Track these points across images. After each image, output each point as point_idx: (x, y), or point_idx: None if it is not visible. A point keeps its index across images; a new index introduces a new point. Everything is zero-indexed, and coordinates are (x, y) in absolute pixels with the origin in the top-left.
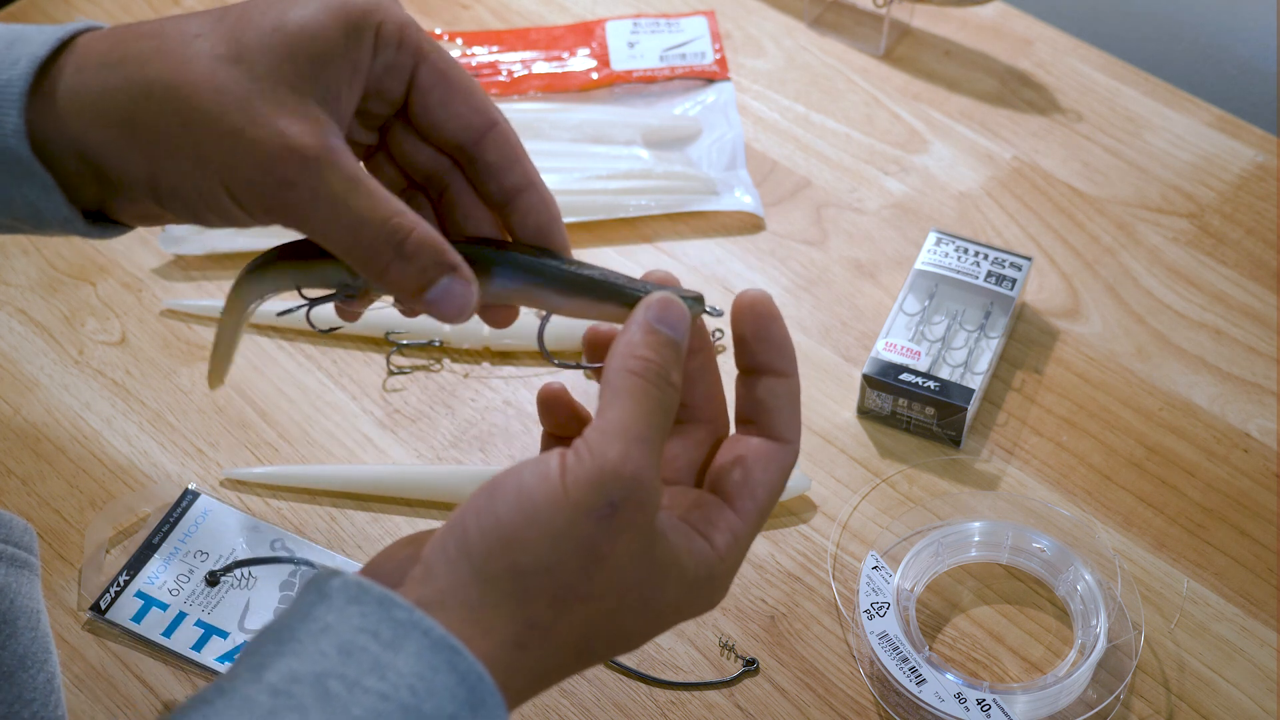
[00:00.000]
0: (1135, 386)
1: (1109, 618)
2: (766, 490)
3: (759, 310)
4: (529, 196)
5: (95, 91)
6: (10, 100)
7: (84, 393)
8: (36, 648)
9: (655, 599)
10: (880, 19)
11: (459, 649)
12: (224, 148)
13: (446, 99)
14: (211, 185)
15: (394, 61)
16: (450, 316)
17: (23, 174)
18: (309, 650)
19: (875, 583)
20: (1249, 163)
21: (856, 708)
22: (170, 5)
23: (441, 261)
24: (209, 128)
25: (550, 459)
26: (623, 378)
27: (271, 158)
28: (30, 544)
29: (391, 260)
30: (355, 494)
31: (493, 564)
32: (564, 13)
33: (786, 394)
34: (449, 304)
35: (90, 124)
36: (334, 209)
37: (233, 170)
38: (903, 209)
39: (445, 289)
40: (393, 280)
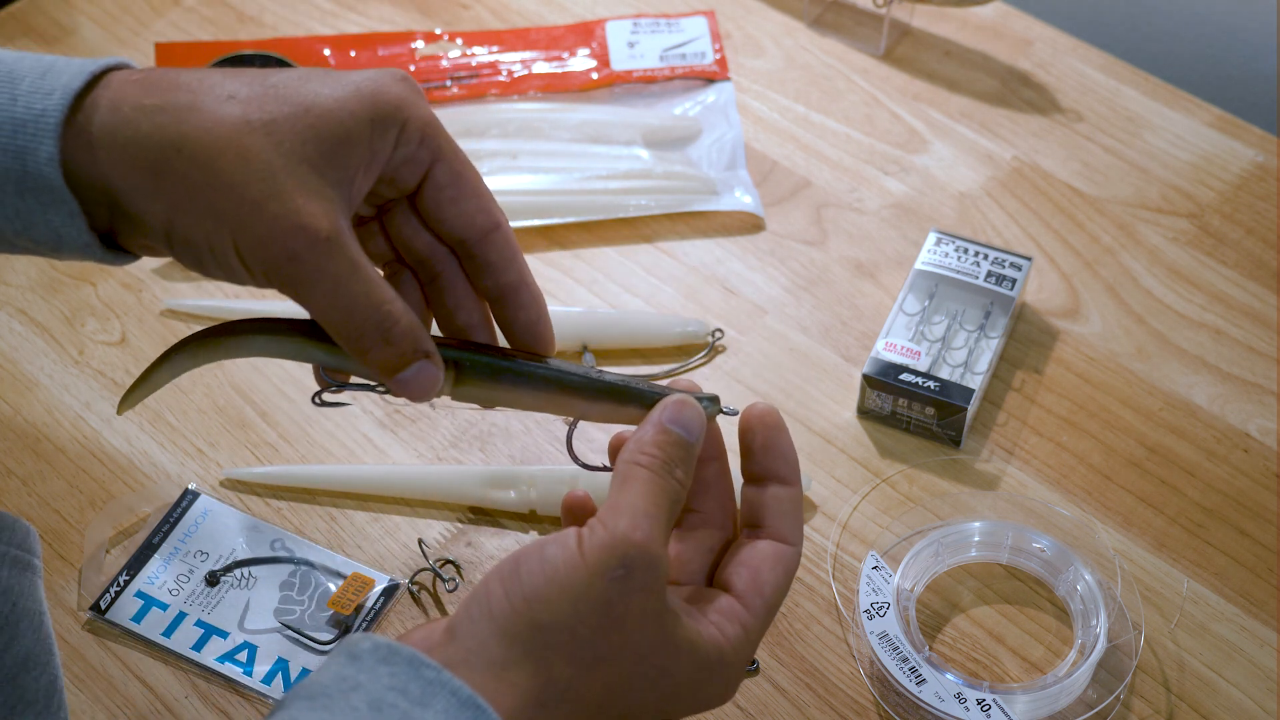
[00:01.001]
0: (1135, 386)
1: (1109, 618)
2: (774, 589)
3: (767, 422)
4: (522, 294)
5: (128, 134)
6: (46, 130)
7: (84, 393)
8: (39, 650)
9: (669, 671)
10: (880, 19)
11: (484, 708)
12: (242, 214)
13: (458, 198)
14: (224, 244)
15: (413, 155)
16: (417, 397)
17: (51, 201)
18: (339, 705)
19: (875, 583)
20: (1249, 163)
21: (856, 708)
22: (170, 5)
23: (418, 349)
24: (231, 193)
25: (569, 533)
26: (630, 469)
27: (285, 232)
28: (33, 546)
29: (375, 344)
30: (355, 494)
31: (516, 621)
32: (564, 13)
33: (791, 500)
34: (418, 385)
35: (119, 164)
36: (334, 289)
37: (247, 236)
38: (903, 209)
39: (417, 371)
40: (373, 360)
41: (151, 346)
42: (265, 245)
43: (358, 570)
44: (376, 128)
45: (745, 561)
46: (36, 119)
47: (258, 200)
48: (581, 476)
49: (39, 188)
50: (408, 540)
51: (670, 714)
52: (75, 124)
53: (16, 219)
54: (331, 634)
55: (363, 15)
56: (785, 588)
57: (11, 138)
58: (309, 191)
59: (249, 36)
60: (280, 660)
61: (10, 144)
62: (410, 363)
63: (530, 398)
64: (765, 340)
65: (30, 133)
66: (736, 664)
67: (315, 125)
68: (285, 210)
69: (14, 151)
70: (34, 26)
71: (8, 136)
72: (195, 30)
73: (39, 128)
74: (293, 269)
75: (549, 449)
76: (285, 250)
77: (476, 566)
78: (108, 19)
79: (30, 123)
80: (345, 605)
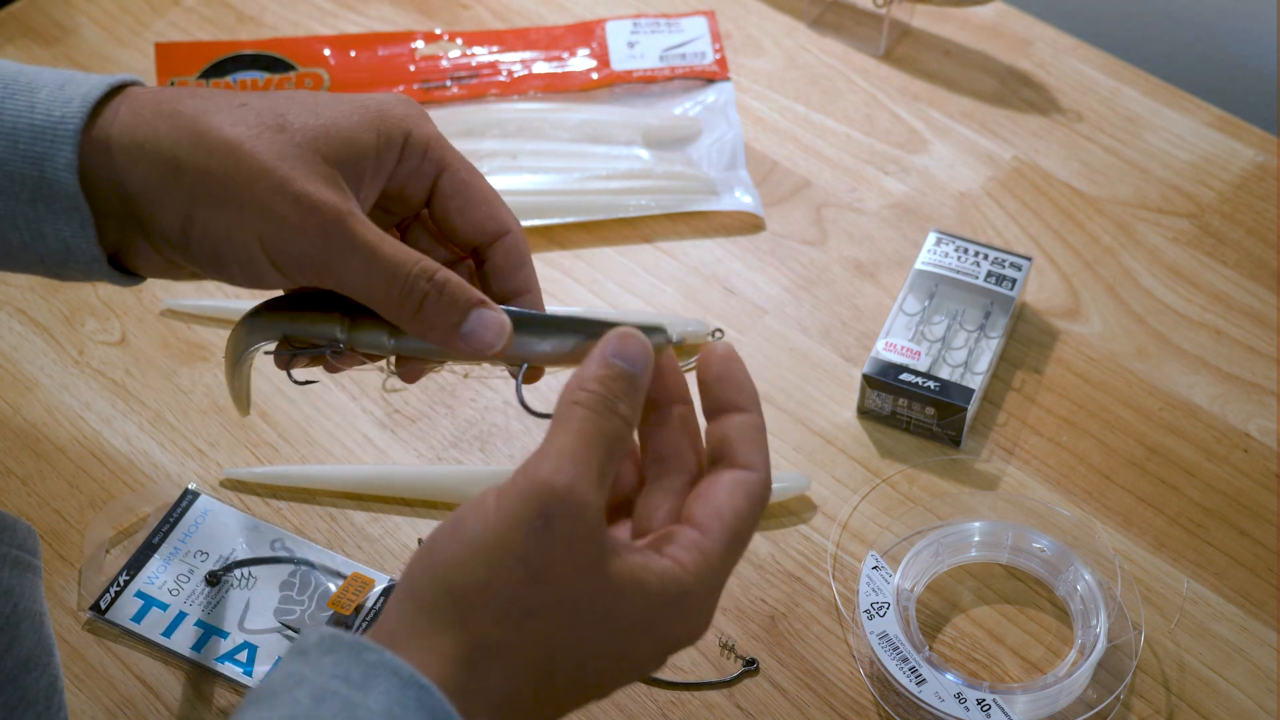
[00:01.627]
0: (1135, 386)
1: (1109, 618)
2: (734, 513)
3: (720, 354)
4: (527, 301)
5: (146, 134)
6: (64, 136)
7: (84, 393)
8: (40, 650)
9: (616, 614)
10: (880, 19)
11: (428, 686)
12: (264, 199)
13: (465, 206)
14: (245, 235)
15: (418, 169)
16: (486, 345)
17: (63, 209)
18: (284, 702)
19: (875, 583)
20: (1249, 163)
21: (856, 708)
22: (170, 5)
23: (470, 296)
24: (253, 179)
25: (486, 493)
26: (568, 408)
27: (311, 209)
28: (34, 546)
29: (430, 299)
30: (355, 494)
31: (433, 590)
32: (564, 13)
33: (749, 428)
34: (485, 332)
35: (137, 163)
36: (368, 256)
37: (271, 221)
38: (903, 209)
39: (479, 319)
40: (429, 318)
41: (151, 346)
42: (292, 227)
43: (358, 570)
44: (382, 139)
45: (703, 492)
46: (55, 125)
47: (278, 183)
48: None
49: (53, 195)
50: (408, 540)
51: (637, 657)
52: (93, 131)
53: (26, 229)
54: None
55: (363, 15)
56: (749, 513)
57: (31, 144)
58: (323, 179)
59: (249, 36)
60: (280, 660)
61: (29, 150)
62: (467, 312)
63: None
64: (765, 340)
65: (49, 139)
66: (700, 592)
67: (325, 128)
68: (307, 191)
69: (32, 157)
70: (34, 26)
71: (27, 143)
72: (195, 30)
73: (58, 134)
74: (324, 246)
75: None
76: (314, 227)
77: None
78: (108, 19)
79: (49, 129)
80: (345, 605)
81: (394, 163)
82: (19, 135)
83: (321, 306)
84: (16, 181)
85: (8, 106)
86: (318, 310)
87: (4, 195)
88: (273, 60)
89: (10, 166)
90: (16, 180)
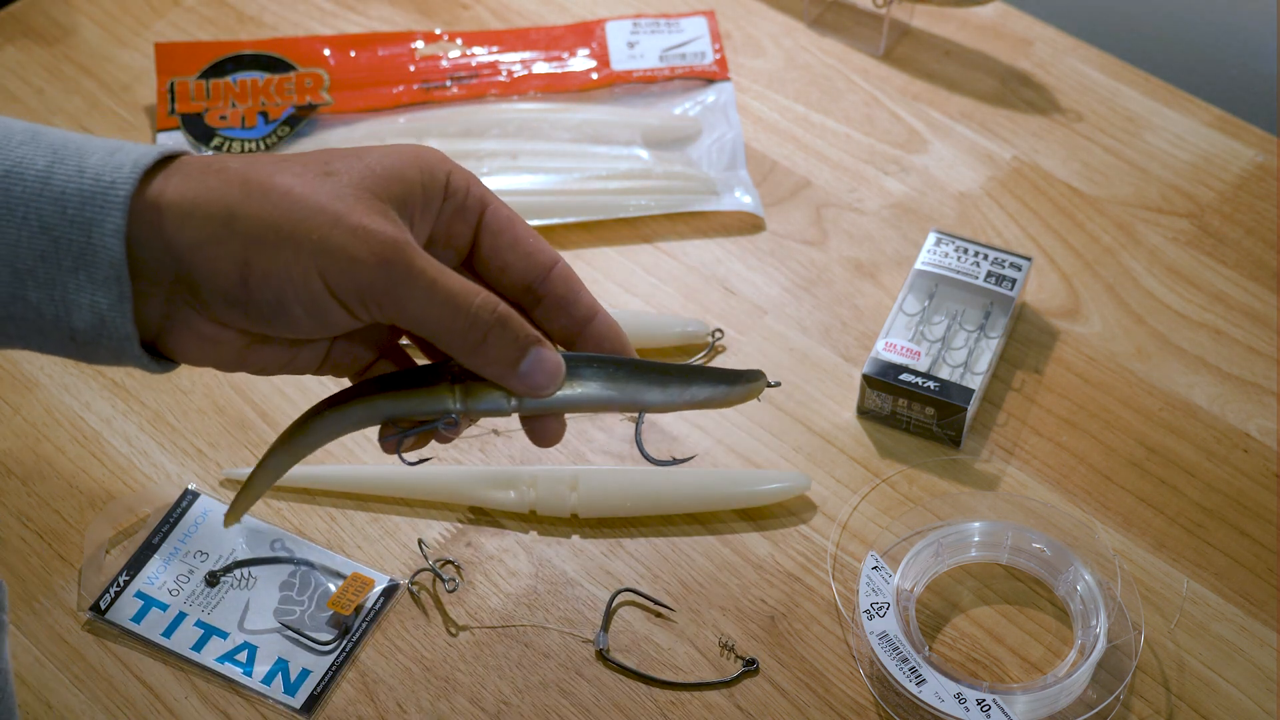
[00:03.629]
0: (1135, 386)
1: (1109, 618)
2: None
3: None
4: (598, 324)
5: (197, 189)
6: (115, 202)
7: (84, 393)
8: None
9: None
10: (880, 19)
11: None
12: (323, 233)
13: (516, 241)
14: (306, 270)
15: (462, 205)
16: (542, 385)
17: (103, 279)
18: None
19: (875, 583)
20: (1249, 163)
21: (856, 708)
22: (170, 5)
23: (530, 333)
24: (309, 217)
25: None
26: None
27: (370, 240)
28: (2, 601)
29: (492, 331)
30: (355, 494)
31: None
32: (564, 13)
33: None
34: (541, 371)
35: (189, 217)
36: (432, 287)
37: (331, 255)
38: (903, 209)
39: (537, 357)
40: (490, 352)
41: None
42: (352, 259)
43: (358, 570)
44: (426, 175)
45: None
46: (106, 190)
47: (335, 218)
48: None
49: (96, 262)
50: (408, 540)
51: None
52: (144, 195)
53: (62, 301)
54: (331, 634)
55: (363, 15)
56: None
57: (80, 209)
58: (379, 214)
59: (249, 36)
60: (280, 660)
61: (79, 215)
62: (527, 349)
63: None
64: (765, 340)
65: (99, 204)
66: None
67: (371, 168)
68: (364, 223)
69: (81, 223)
70: (34, 26)
71: (75, 208)
72: (195, 30)
73: (108, 199)
74: (386, 275)
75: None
76: (374, 256)
77: (476, 567)
78: (108, 19)
79: (99, 195)
80: (345, 605)
81: (440, 200)
82: (68, 200)
83: (418, 382)
84: (62, 248)
85: (58, 171)
86: (420, 385)
87: (47, 262)
88: (273, 60)
89: (58, 232)
90: (62, 246)
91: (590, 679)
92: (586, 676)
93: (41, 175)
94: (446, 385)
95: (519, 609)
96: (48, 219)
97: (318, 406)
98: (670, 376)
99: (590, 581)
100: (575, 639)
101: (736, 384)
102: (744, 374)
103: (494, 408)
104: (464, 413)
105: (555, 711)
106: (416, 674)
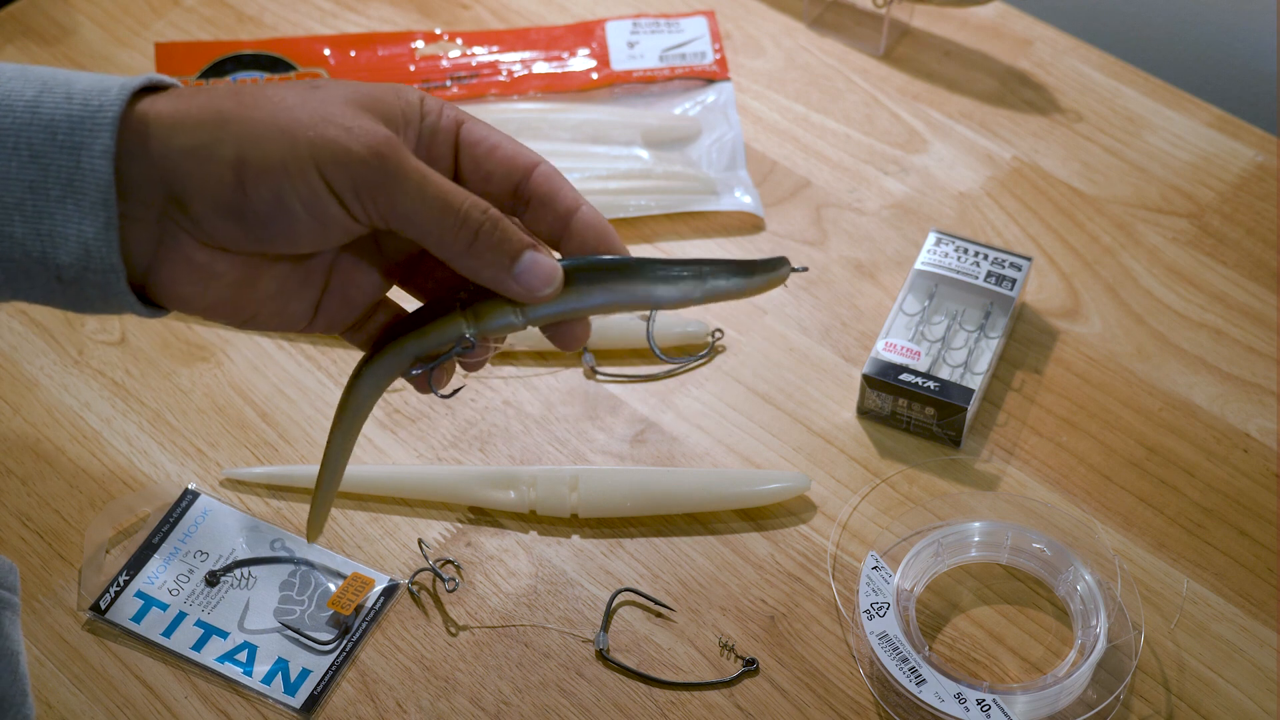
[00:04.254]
0: (1135, 386)
1: (1109, 618)
2: None
3: None
4: (582, 214)
5: (186, 104)
6: (103, 124)
7: (84, 393)
8: (14, 691)
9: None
10: (880, 19)
11: None
12: (318, 129)
13: (495, 147)
14: (303, 164)
15: (438, 125)
16: (538, 287)
17: (90, 205)
18: None
19: (875, 583)
20: (1249, 163)
21: (856, 708)
22: (170, 5)
23: (524, 238)
24: (303, 116)
25: None
26: None
27: (364, 133)
28: (13, 582)
29: (481, 227)
30: (355, 494)
31: None
32: (564, 13)
33: None
34: (537, 273)
35: (179, 126)
36: (422, 182)
37: (326, 148)
38: (903, 209)
39: (532, 259)
40: (483, 253)
41: (151, 346)
42: (348, 150)
43: (358, 570)
44: (403, 101)
45: None
46: (94, 114)
47: (328, 116)
48: (580, 476)
49: (84, 188)
50: (408, 540)
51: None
52: (132, 117)
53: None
54: (331, 634)
55: (363, 15)
56: None
57: (69, 134)
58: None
59: (249, 36)
60: (280, 660)
61: (68, 140)
62: (520, 251)
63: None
64: (765, 340)
65: (88, 128)
66: None
67: (356, 88)
68: (358, 121)
69: (70, 147)
70: (34, 26)
71: (65, 133)
72: (195, 30)
73: (97, 122)
74: (380, 169)
75: (549, 449)
76: (369, 150)
77: (476, 566)
78: (108, 19)
79: (88, 118)
80: (345, 605)
81: (419, 121)
82: (57, 126)
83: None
84: (51, 176)
85: (45, 100)
86: (435, 318)
87: (36, 194)
88: (273, 60)
89: (47, 159)
90: (51, 174)
91: (590, 679)
92: (586, 676)
93: (30, 105)
94: (458, 311)
95: (519, 609)
96: (38, 146)
97: (352, 376)
98: (681, 270)
99: (590, 581)
100: (575, 639)
101: (755, 274)
102: (762, 263)
103: (504, 323)
104: (479, 335)
105: (555, 711)
106: (416, 674)
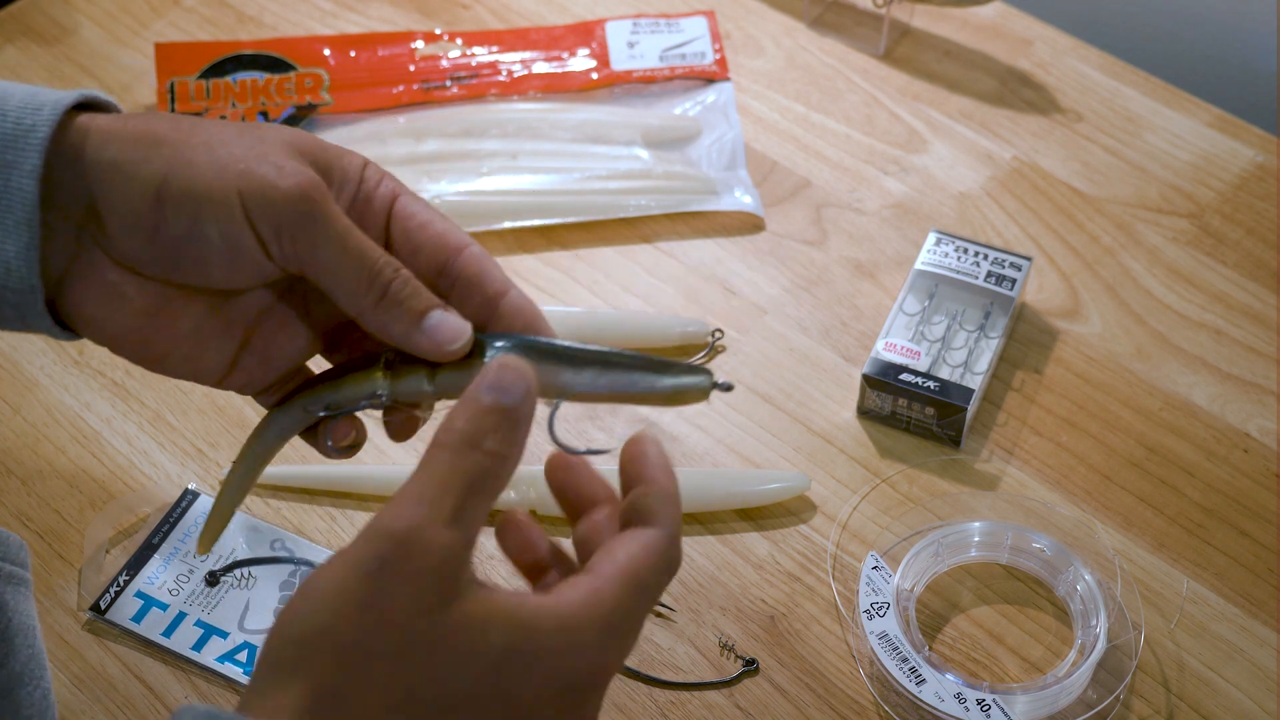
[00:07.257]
0: (1135, 386)
1: (1109, 618)
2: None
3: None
4: (511, 299)
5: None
6: (33, 145)
7: (84, 393)
8: (33, 664)
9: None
10: (880, 19)
11: None
12: (248, 164)
13: (428, 222)
14: (227, 193)
15: (375, 193)
16: (446, 343)
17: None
18: None
19: (875, 583)
20: (1249, 163)
21: (856, 708)
22: (170, 5)
23: (434, 298)
24: (237, 147)
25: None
26: (429, 451)
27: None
28: (24, 559)
29: (391, 284)
30: (355, 494)
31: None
32: (564, 13)
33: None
34: (446, 329)
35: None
36: (341, 236)
37: (254, 179)
38: (903, 209)
39: (441, 316)
40: (393, 305)
41: None
42: (275, 187)
43: None
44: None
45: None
46: (26, 134)
47: (261, 154)
48: None
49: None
50: None
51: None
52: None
53: None
54: None
55: (363, 15)
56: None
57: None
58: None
59: (249, 36)
60: None
61: None
62: (429, 308)
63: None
64: (765, 340)
65: (18, 148)
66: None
67: (299, 136)
68: (290, 161)
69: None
70: (34, 26)
71: None
72: (195, 30)
73: (27, 143)
74: (304, 212)
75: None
76: (297, 189)
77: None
78: (107, 19)
79: (19, 138)
80: None
81: (355, 185)
82: None
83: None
84: None
85: None
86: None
87: None
88: (273, 60)
89: None
90: None
91: None
92: None
93: None
94: (380, 368)
95: None
96: None
97: (262, 421)
98: (588, 359)
99: None
100: None
101: (664, 375)
102: (679, 366)
103: (415, 387)
104: (391, 395)
105: None
106: None
